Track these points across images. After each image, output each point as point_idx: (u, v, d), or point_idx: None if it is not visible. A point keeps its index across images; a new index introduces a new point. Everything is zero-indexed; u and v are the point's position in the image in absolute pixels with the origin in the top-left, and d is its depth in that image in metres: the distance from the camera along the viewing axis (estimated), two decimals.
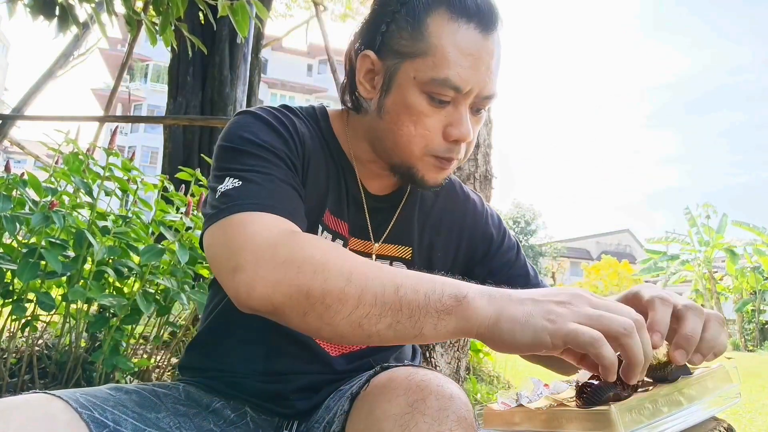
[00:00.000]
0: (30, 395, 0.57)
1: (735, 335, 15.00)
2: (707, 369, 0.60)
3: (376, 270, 0.55)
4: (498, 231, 0.91)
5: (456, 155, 0.73)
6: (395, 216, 0.84)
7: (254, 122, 0.72)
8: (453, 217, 0.89)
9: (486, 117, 2.85)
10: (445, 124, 0.70)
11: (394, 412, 0.57)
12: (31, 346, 1.88)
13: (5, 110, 6.51)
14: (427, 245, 0.86)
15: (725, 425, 0.56)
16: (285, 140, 0.72)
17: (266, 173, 0.66)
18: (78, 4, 1.93)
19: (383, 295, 0.52)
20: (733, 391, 0.58)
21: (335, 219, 0.79)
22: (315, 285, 0.53)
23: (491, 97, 0.72)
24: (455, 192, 0.91)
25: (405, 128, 0.71)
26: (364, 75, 0.75)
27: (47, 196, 1.71)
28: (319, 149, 0.78)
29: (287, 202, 0.65)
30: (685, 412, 0.51)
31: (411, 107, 0.70)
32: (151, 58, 29.35)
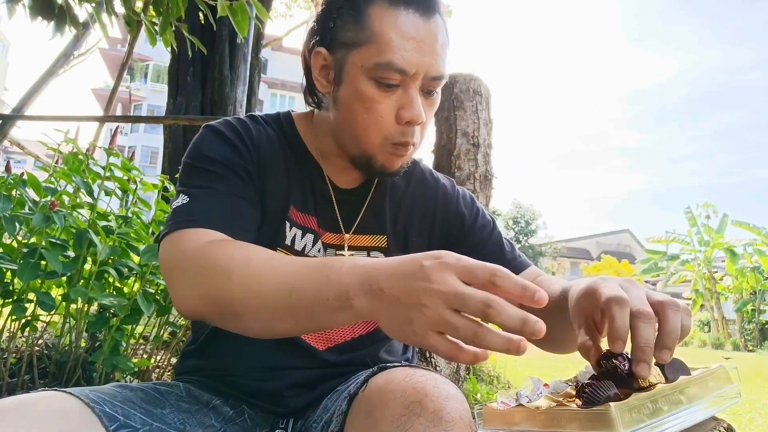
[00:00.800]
0: (43, 392, 0.59)
1: (735, 335, 15.00)
2: (707, 369, 0.60)
3: (272, 274, 0.57)
4: (470, 210, 0.92)
5: (411, 139, 0.75)
6: (364, 207, 0.86)
7: (209, 137, 0.78)
8: (425, 202, 0.91)
9: (486, 117, 2.86)
10: (396, 108, 0.72)
11: (392, 414, 0.57)
12: (31, 346, 1.88)
13: (5, 110, 6.52)
14: (402, 232, 0.88)
15: (725, 425, 0.56)
16: (237, 150, 0.76)
17: (210, 188, 0.72)
18: (77, 5, 1.93)
19: (277, 302, 0.56)
20: (733, 391, 0.59)
21: (303, 215, 0.82)
22: (222, 295, 0.59)
23: (440, 78, 0.74)
24: (425, 179, 0.93)
25: (359, 117, 0.74)
26: (319, 71, 0.79)
27: (47, 196, 1.71)
28: (280, 151, 0.82)
29: (225, 214, 0.70)
30: (685, 412, 0.51)
31: (362, 95, 0.72)
32: (151, 58, 29.35)
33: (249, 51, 3.82)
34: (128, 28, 2.26)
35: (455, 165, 2.64)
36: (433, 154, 2.81)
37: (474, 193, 2.63)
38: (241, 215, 0.72)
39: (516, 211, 28.87)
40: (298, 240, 0.81)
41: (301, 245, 0.81)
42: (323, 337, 0.82)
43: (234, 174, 0.75)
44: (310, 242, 0.82)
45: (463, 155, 2.66)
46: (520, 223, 28.56)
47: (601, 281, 0.58)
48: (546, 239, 29.46)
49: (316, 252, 0.82)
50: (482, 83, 2.78)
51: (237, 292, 0.58)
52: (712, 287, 15.75)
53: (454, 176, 2.62)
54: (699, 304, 16.92)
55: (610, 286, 0.57)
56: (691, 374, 0.57)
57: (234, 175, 0.75)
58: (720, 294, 15.86)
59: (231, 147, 0.77)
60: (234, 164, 0.75)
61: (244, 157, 0.77)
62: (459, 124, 2.69)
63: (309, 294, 0.54)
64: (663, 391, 0.52)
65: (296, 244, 0.81)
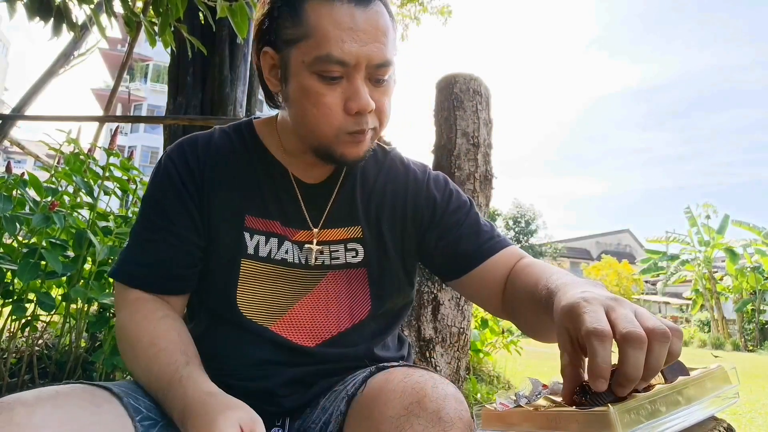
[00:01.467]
0: (72, 384, 0.63)
1: (735, 335, 15.00)
2: (706, 369, 0.60)
3: (139, 368, 0.72)
4: (442, 193, 0.91)
5: (365, 126, 0.74)
6: (332, 199, 0.86)
7: (155, 178, 0.84)
8: (395, 188, 0.90)
9: (486, 117, 2.86)
10: (344, 100, 0.72)
11: (391, 415, 0.58)
12: (31, 346, 1.88)
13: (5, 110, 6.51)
14: (375, 221, 0.87)
15: (725, 425, 0.56)
16: (177, 189, 0.81)
17: (147, 239, 0.81)
18: (77, 5, 1.93)
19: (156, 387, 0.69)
20: (732, 392, 0.58)
21: (263, 220, 0.83)
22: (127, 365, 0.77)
23: (385, 65, 0.73)
24: (396, 166, 0.93)
25: (309, 112, 0.74)
26: (269, 71, 0.79)
27: (48, 196, 1.71)
28: (237, 161, 0.85)
29: (152, 271, 0.79)
30: (684, 413, 0.51)
31: (307, 90, 0.72)
32: (151, 58, 29.36)
33: (249, 51, 3.81)
34: (128, 29, 2.26)
35: (455, 165, 2.64)
36: (433, 154, 2.81)
37: (474, 193, 2.63)
38: (169, 268, 0.80)
39: (516, 211, 28.88)
40: (262, 246, 0.81)
41: (265, 251, 0.82)
42: (309, 333, 0.82)
43: (172, 217, 0.80)
44: (275, 246, 0.82)
45: (463, 155, 2.66)
46: (520, 223, 28.56)
47: (584, 302, 0.52)
48: (546, 239, 29.47)
49: (283, 254, 0.82)
50: (482, 83, 2.78)
51: (130, 368, 0.75)
52: (712, 287, 15.75)
53: (454, 176, 2.62)
54: (699, 304, 16.93)
55: (593, 310, 0.51)
56: (689, 375, 0.57)
57: (171, 219, 0.80)
58: (720, 294, 15.86)
59: (172, 189, 0.81)
60: (173, 206, 0.80)
61: (183, 195, 0.81)
62: (459, 124, 2.69)
63: (157, 396, 0.68)
64: (662, 392, 0.52)
65: (260, 251, 0.81)
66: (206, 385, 0.67)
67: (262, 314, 0.81)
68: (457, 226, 0.88)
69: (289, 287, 0.83)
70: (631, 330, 0.48)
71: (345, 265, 0.85)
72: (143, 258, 0.80)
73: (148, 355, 0.71)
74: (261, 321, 0.81)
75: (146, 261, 0.79)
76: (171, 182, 0.81)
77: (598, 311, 0.51)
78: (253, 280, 0.81)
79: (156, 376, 0.69)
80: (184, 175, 0.81)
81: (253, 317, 0.81)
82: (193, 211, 0.81)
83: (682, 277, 17.46)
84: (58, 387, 0.61)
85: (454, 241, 0.87)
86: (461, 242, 0.86)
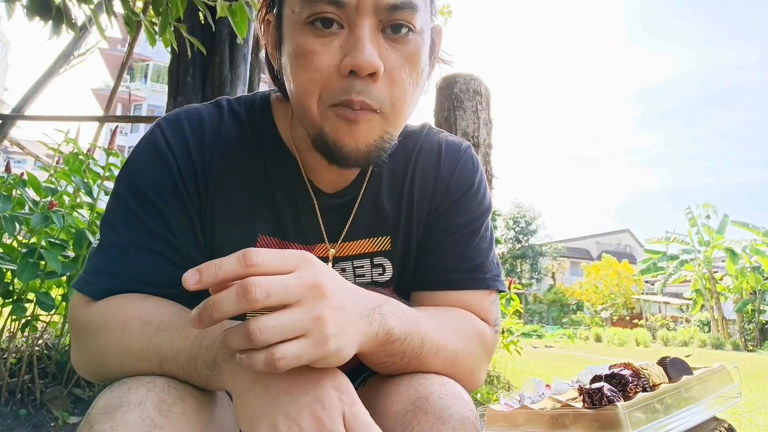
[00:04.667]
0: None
1: (735, 335, 15.00)
2: (708, 369, 0.60)
3: (143, 347, 0.54)
4: (459, 193, 0.73)
5: (356, 96, 0.54)
6: (356, 206, 0.70)
7: (145, 155, 0.64)
8: (424, 184, 0.73)
9: (486, 117, 2.86)
10: (341, 57, 0.54)
11: (396, 410, 0.56)
12: (31, 346, 1.87)
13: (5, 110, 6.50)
14: (406, 228, 0.73)
15: (726, 425, 0.56)
16: (174, 183, 0.63)
17: (131, 241, 0.61)
18: (77, 5, 1.93)
19: (152, 371, 0.53)
20: (734, 391, 0.59)
21: (278, 241, 0.69)
22: (103, 364, 0.58)
23: (403, 5, 0.54)
24: (425, 155, 0.74)
25: (297, 77, 0.56)
26: (272, 46, 0.64)
27: (47, 196, 1.71)
28: (245, 161, 0.67)
29: (125, 277, 0.61)
30: (689, 412, 0.51)
31: (298, 49, 0.55)
32: (151, 58, 29.34)
33: (249, 51, 3.81)
34: (128, 29, 2.26)
35: None
36: None
37: None
38: (143, 271, 0.61)
39: (516, 211, 28.85)
40: None
41: None
42: None
43: (162, 210, 0.62)
44: None
45: None
46: (520, 223, 28.55)
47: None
48: (546, 239, 29.46)
49: None
50: (482, 83, 2.78)
51: (115, 362, 0.56)
52: (712, 287, 15.75)
53: None
54: (699, 304, 16.94)
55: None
56: (693, 374, 0.57)
57: (170, 227, 0.62)
58: (720, 294, 15.86)
59: (171, 185, 0.62)
60: (172, 209, 0.62)
61: (184, 197, 0.63)
62: (459, 124, 2.69)
63: (180, 363, 0.52)
64: (667, 391, 0.51)
65: None
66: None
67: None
68: (443, 236, 0.73)
69: None
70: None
71: (371, 283, 0.73)
72: (122, 267, 0.61)
73: (147, 332, 0.54)
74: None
75: (126, 272, 0.61)
76: (170, 174, 0.63)
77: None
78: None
79: (175, 332, 0.53)
80: (185, 172, 0.64)
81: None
82: (195, 219, 0.65)
83: (682, 277, 17.46)
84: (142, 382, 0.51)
85: (432, 250, 0.73)
86: (432, 256, 0.72)
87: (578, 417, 0.50)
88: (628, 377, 0.52)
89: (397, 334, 0.54)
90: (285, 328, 0.43)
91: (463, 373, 0.64)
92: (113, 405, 0.47)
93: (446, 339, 0.61)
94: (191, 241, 0.64)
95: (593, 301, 24.43)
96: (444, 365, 0.61)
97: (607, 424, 0.46)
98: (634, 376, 0.52)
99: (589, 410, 0.49)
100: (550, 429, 0.52)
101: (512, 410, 0.58)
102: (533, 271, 28.03)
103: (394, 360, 0.57)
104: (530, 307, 24.63)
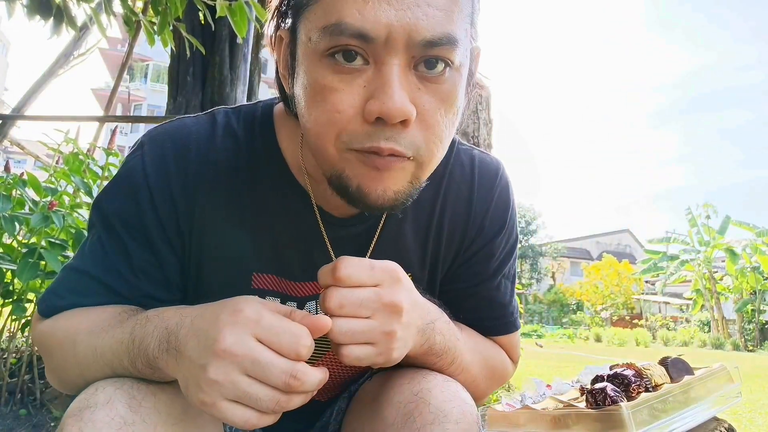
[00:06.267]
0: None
1: (735, 335, 15.01)
2: (709, 369, 0.60)
3: (92, 355, 0.54)
4: (494, 232, 0.69)
5: (384, 144, 0.47)
6: (371, 237, 0.64)
7: (119, 186, 0.61)
8: (456, 215, 0.67)
9: (486, 117, 2.85)
10: (365, 99, 0.47)
11: (399, 400, 0.56)
12: (31, 346, 1.87)
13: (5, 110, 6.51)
14: (431, 265, 0.68)
15: (726, 425, 0.56)
16: (142, 219, 0.59)
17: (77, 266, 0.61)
18: (76, 5, 1.93)
19: (104, 373, 0.53)
20: (734, 391, 0.59)
21: (275, 279, 0.63)
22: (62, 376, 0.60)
23: (440, 41, 0.46)
24: (457, 184, 0.67)
25: (312, 116, 0.50)
26: (283, 66, 0.56)
27: (47, 196, 1.71)
28: (241, 186, 0.61)
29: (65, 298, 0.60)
30: (690, 412, 0.51)
31: (315, 84, 0.49)
32: (151, 58, 29.34)
33: (249, 51, 3.81)
34: (127, 29, 2.26)
35: None
36: None
37: None
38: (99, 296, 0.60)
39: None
40: None
41: None
42: (323, 391, 0.71)
43: (126, 245, 0.59)
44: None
45: None
46: (520, 223, 28.48)
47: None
48: (546, 239, 29.48)
49: None
50: (482, 83, 2.78)
51: (76, 377, 0.57)
52: (712, 287, 15.76)
53: None
54: (699, 304, 16.94)
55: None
56: (694, 374, 0.57)
57: (125, 249, 0.59)
58: (720, 294, 15.87)
59: (137, 209, 0.59)
60: (131, 232, 0.59)
61: (156, 231, 0.59)
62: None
63: (125, 366, 0.52)
64: (670, 391, 0.51)
65: None
66: (190, 308, 0.51)
67: None
68: (475, 280, 0.69)
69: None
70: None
71: None
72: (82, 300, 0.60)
73: (93, 344, 0.54)
74: None
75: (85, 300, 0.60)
76: (140, 212, 0.59)
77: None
78: None
79: (112, 340, 0.53)
80: (161, 208, 0.59)
81: None
82: (167, 260, 0.61)
83: (682, 277, 17.46)
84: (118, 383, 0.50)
85: (461, 295, 0.70)
86: (464, 301, 0.70)
87: (581, 417, 0.50)
88: (630, 377, 0.52)
89: (436, 349, 0.58)
90: (356, 336, 0.48)
91: (476, 392, 0.65)
92: (80, 407, 0.48)
93: (473, 364, 0.65)
94: (154, 279, 0.60)
95: (593, 301, 24.43)
96: (466, 383, 0.63)
97: (611, 424, 0.46)
98: (637, 376, 0.52)
99: (593, 410, 0.49)
100: (553, 429, 0.52)
101: (514, 410, 0.58)
102: (533, 271, 28.05)
103: (422, 363, 0.60)
104: (530, 307, 24.63)
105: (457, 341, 0.62)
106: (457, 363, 0.62)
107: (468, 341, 0.65)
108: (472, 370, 0.65)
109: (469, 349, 0.64)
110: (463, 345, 0.63)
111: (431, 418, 0.53)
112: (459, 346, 0.62)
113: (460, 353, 0.62)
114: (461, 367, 0.62)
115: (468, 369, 0.64)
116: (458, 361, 0.62)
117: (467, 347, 0.64)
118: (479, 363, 0.66)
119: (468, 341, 0.65)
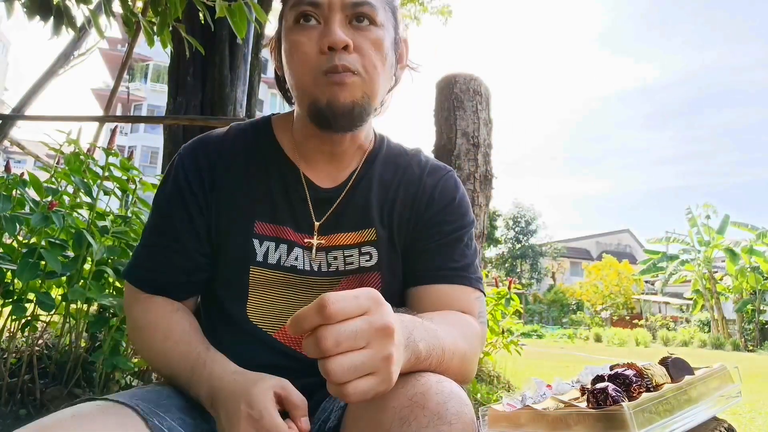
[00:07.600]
0: (95, 402, 0.63)
1: (735, 335, 15.00)
2: (710, 369, 0.60)
3: (161, 361, 0.75)
4: (443, 203, 0.85)
5: (339, 62, 0.71)
6: (345, 201, 0.82)
7: (166, 179, 0.84)
8: (407, 191, 0.85)
9: (486, 117, 2.85)
10: (320, 41, 0.72)
11: (394, 405, 0.56)
12: (31, 346, 1.87)
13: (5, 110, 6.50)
14: (388, 223, 0.84)
15: (726, 425, 0.56)
16: (181, 194, 0.80)
17: (154, 245, 0.82)
18: (75, 5, 1.92)
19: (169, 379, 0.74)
20: (734, 391, 0.59)
21: (273, 226, 0.81)
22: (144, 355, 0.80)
23: (363, 3, 0.73)
24: (413, 169, 0.88)
25: (292, 67, 0.74)
26: (277, 65, 0.83)
27: (47, 196, 1.71)
28: (248, 162, 0.83)
29: (150, 269, 0.81)
30: (691, 412, 0.51)
31: (290, 43, 0.74)
32: (151, 58, 29.34)
33: (249, 51, 3.81)
34: (126, 29, 2.26)
35: (455, 165, 2.64)
36: (432, 154, 2.81)
37: (474, 193, 2.63)
38: (174, 275, 0.80)
39: (516, 211, 28.86)
40: (271, 253, 0.80)
41: (275, 258, 0.80)
42: None
43: (177, 225, 0.80)
44: (284, 253, 0.80)
45: (463, 155, 2.66)
46: (520, 223, 28.56)
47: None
48: (546, 239, 29.46)
49: (293, 260, 0.80)
50: (482, 83, 2.78)
51: (154, 357, 0.76)
52: (712, 287, 15.76)
53: None
54: (699, 304, 16.94)
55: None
56: (694, 374, 0.57)
57: (176, 227, 0.80)
58: (720, 294, 15.86)
59: (178, 196, 0.81)
60: (178, 214, 0.80)
61: (189, 203, 0.80)
62: (459, 124, 2.69)
63: (182, 385, 0.72)
64: (672, 391, 0.51)
65: (270, 258, 0.80)
66: (231, 366, 0.69)
67: (272, 322, 0.80)
68: (432, 240, 0.83)
69: (301, 295, 0.81)
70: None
71: (359, 269, 0.82)
72: (149, 262, 0.81)
73: (165, 348, 0.74)
74: (269, 329, 0.80)
75: (152, 266, 0.81)
76: (178, 188, 0.81)
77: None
78: (263, 288, 0.80)
79: (177, 364, 0.72)
80: (192, 180, 0.81)
81: (262, 325, 0.80)
82: (197, 219, 0.80)
83: (682, 277, 17.46)
84: (79, 407, 0.60)
85: (422, 250, 0.83)
86: (423, 256, 0.83)
87: (582, 417, 0.50)
88: (631, 377, 0.52)
89: (422, 355, 0.60)
90: (358, 369, 0.49)
91: (468, 369, 0.71)
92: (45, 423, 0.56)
93: (457, 343, 0.68)
94: (195, 239, 0.81)
95: (593, 301, 24.44)
96: (459, 366, 0.67)
97: (613, 424, 0.46)
98: (638, 376, 0.52)
99: (594, 410, 0.49)
100: (554, 429, 0.52)
101: (515, 410, 0.58)
102: (533, 271, 28.05)
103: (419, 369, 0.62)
104: (530, 307, 24.64)
105: (436, 333, 0.63)
106: (447, 352, 0.63)
107: (442, 326, 0.67)
108: (460, 349, 0.67)
109: (448, 333, 0.67)
110: (442, 333, 0.65)
111: (426, 422, 0.54)
112: (441, 336, 0.64)
113: (445, 342, 0.64)
114: (452, 351, 0.65)
115: (457, 350, 0.66)
116: (448, 350, 0.64)
117: (445, 332, 0.66)
118: (461, 339, 0.69)
119: (442, 326, 0.67)
